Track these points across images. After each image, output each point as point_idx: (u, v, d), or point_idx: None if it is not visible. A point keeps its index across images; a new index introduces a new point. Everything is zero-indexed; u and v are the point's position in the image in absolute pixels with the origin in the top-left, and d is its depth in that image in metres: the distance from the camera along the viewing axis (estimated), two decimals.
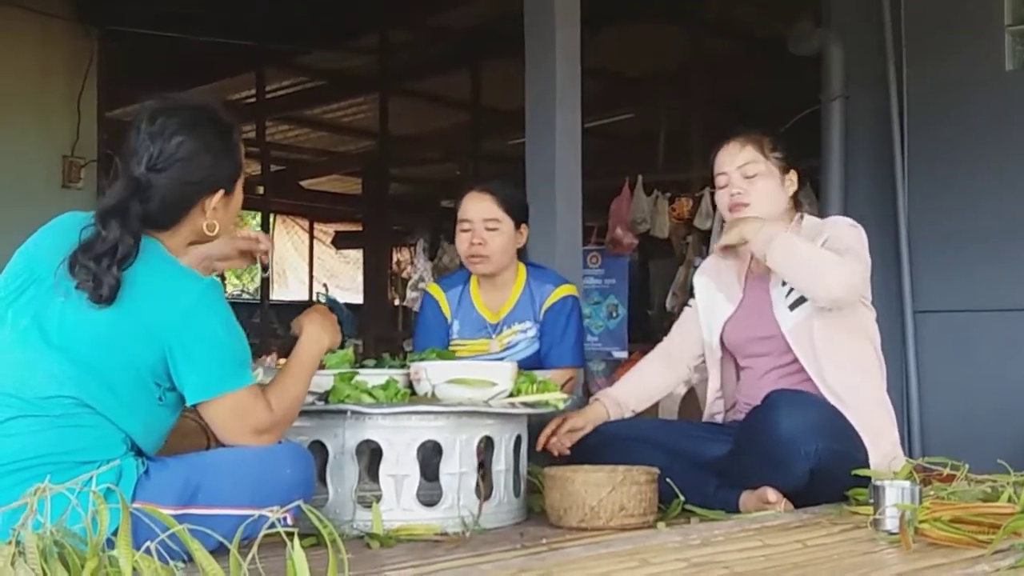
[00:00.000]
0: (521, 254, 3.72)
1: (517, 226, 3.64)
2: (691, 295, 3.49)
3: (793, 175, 3.24)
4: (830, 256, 3.00)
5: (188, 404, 2.32)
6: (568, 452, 3.19)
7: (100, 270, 2.19)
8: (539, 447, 3.19)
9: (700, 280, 3.43)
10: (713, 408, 3.37)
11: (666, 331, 3.60)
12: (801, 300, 3.10)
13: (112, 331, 2.22)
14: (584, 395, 4.87)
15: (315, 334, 2.59)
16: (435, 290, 3.77)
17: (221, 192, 2.39)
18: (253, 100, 10.23)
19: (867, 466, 2.96)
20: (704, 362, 3.41)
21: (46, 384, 2.21)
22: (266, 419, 2.35)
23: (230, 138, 2.43)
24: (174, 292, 2.27)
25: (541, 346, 3.60)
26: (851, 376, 3.07)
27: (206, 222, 2.38)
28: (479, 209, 3.60)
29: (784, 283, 3.14)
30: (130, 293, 2.23)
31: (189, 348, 2.25)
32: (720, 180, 3.27)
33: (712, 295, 3.36)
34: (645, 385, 3.47)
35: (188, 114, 2.36)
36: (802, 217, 3.27)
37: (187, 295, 2.27)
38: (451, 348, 3.59)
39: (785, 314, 3.13)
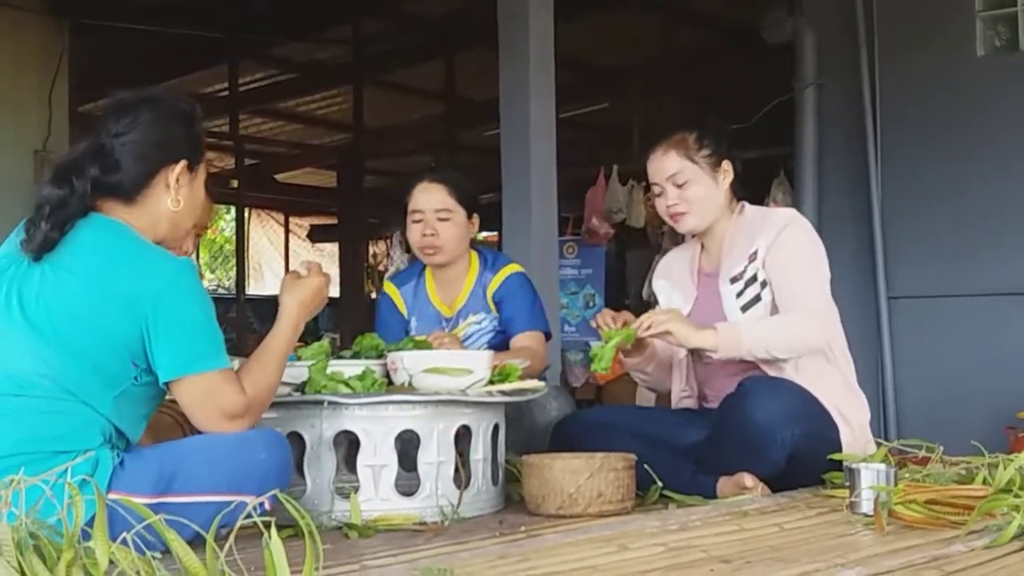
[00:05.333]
0: (475, 243, 3.69)
1: (469, 216, 3.59)
2: (655, 301, 3.47)
3: (727, 166, 3.19)
4: (793, 325, 3.01)
5: (160, 382, 2.30)
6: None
7: (32, 222, 2.25)
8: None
9: (659, 284, 3.44)
10: (681, 405, 3.37)
11: None
12: (752, 302, 3.10)
13: (90, 305, 2.23)
14: (562, 383, 4.88)
15: (294, 313, 2.55)
16: (390, 288, 3.74)
17: (184, 163, 2.41)
18: (226, 93, 10.18)
19: (842, 448, 2.98)
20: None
21: (28, 362, 2.22)
22: (239, 403, 2.34)
23: (193, 118, 2.48)
24: (151, 267, 2.28)
25: (501, 325, 3.56)
26: (814, 371, 3.06)
27: (170, 197, 2.39)
28: (430, 200, 3.56)
29: (732, 281, 3.14)
30: (107, 268, 2.25)
31: (165, 323, 2.25)
32: (655, 189, 3.27)
33: (670, 296, 3.35)
34: (658, 368, 3.38)
35: (152, 93, 2.46)
36: (743, 208, 3.24)
37: (164, 270, 2.28)
38: None
39: (737, 317, 3.12)
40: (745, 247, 3.14)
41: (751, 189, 3.33)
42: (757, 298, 3.10)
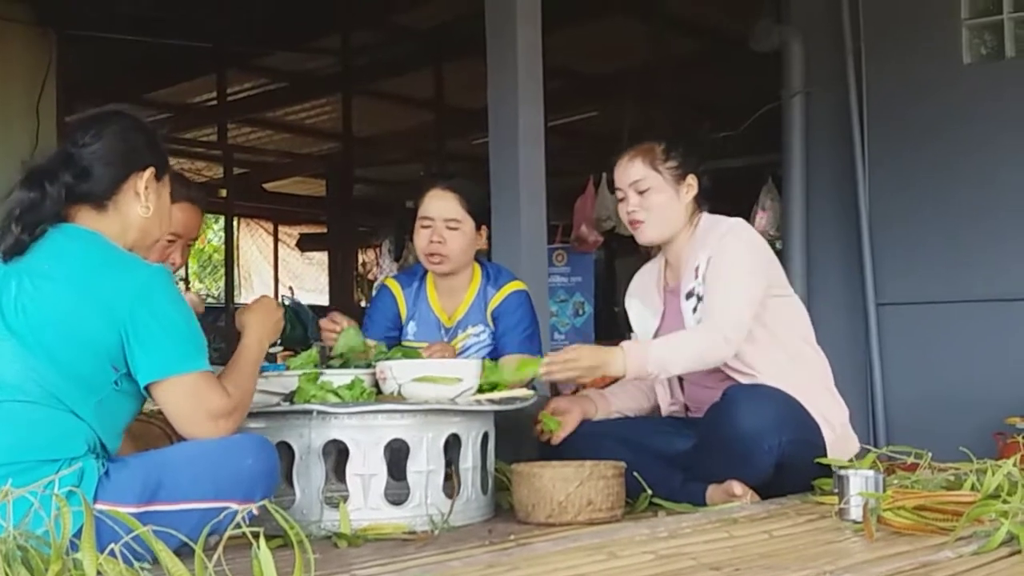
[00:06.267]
0: (479, 255, 3.68)
1: (477, 227, 3.58)
2: (628, 324, 3.47)
3: (692, 180, 3.21)
4: (695, 342, 3.02)
5: (141, 385, 2.31)
6: (556, 441, 3.18)
7: (2, 226, 2.30)
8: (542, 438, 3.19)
9: (631, 303, 3.44)
10: (669, 412, 3.37)
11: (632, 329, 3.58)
12: None
13: (68, 312, 2.24)
14: (551, 393, 4.88)
15: (254, 328, 2.60)
16: (393, 285, 3.70)
17: (152, 171, 2.45)
18: (214, 103, 10.16)
19: (827, 452, 2.99)
20: None
21: (16, 368, 2.22)
22: (223, 404, 2.34)
23: (155, 131, 2.55)
24: (127, 273, 2.31)
25: (495, 343, 3.55)
26: (789, 376, 3.07)
27: (140, 204, 2.42)
28: (441, 208, 3.53)
29: (688, 296, 3.14)
30: (84, 274, 2.28)
31: (144, 326, 2.27)
32: (618, 194, 3.28)
33: (642, 314, 3.36)
34: (628, 398, 3.42)
35: (115, 108, 2.54)
36: (699, 221, 3.24)
37: (140, 276, 2.31)
38: None
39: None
40: (694, 261, 3.15)
41: (740, 196, 3.34)
42: None
